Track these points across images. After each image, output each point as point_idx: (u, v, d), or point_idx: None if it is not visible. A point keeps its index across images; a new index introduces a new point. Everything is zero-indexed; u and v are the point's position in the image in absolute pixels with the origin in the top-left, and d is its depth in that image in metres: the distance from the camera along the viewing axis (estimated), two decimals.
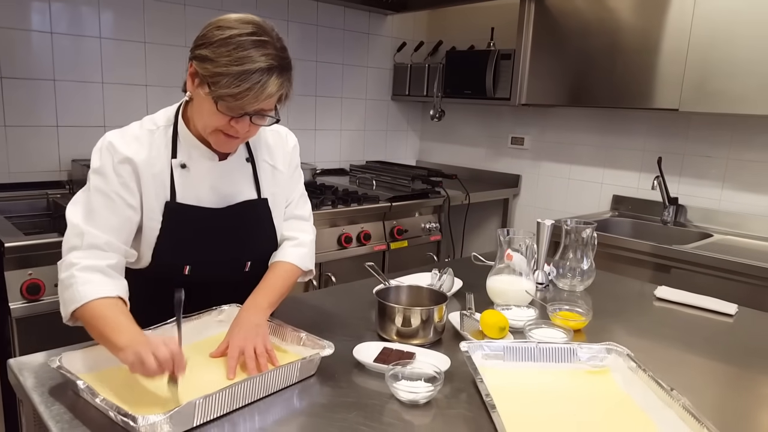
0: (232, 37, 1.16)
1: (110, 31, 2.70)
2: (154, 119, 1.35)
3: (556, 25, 3.00)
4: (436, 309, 1.35)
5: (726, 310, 1.66)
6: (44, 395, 1.08)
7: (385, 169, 3.66)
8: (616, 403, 1.11)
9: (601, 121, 3.25)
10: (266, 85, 1.17)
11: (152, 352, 1.03)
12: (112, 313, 1.15)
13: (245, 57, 1.15)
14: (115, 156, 1.26)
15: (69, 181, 2.67)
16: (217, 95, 1.17)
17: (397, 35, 3.92)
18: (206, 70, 1.17)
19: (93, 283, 1.18)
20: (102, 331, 1.12)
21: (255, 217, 1.43)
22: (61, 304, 1.21)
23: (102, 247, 1.22)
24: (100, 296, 1.16)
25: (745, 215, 2.75)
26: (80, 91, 2.67)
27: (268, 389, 1.11)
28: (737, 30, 2.39)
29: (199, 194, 1.35)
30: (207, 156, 1.35)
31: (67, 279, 1.19)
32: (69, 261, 1.21)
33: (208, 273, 1.38)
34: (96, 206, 1.24)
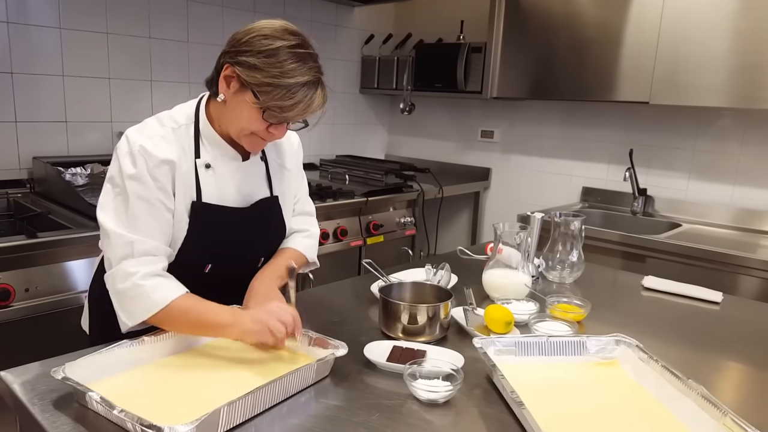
0: (282, 48, 1.18)
1: (70, 21, 2.57)
2: (174, 117, 1.33)
3: (527, 18, 3.02)
4: (442, 306, 1.34)
5: (712, 298, 1.70)
6: (46, 408, 1.02)
7: (357, 163, 3.63)
8: (632, 395, 1.12)
9: (570, 114, 3.30)
10: (313, 98, 1.21)
11: (277, 319, 1.17)
12: (198, 303, 1.22)
13: (294, 70, 1.18)
14: (149, 160, 1.24)
15: (30, 179, 2.54)
16: (266, 106, 1.20)
17: (364, 27, 3.88)
18: (254, 78, 1.19)
19: (162, 287, 1.22)
20: (197, 319, 1.21)
21: (270, 215, 1.46)
22: (125, 313, 1.22)
23: (153, 252, 1.24)
24: (177, 296, 1.21)
25: (711, 205, 2.84)
26: (40, 84, 2.53)
27: (288, 392, 1.08)
28: (706, 23, 2.46)
29: (223, 194, 1.35)
30: (231, 156, 1.36)
31: (132, 289, 1.20)
32: (125, 270, 1.21)
33: (227, 270, 1.40)
34: (138, 212, 1.23)
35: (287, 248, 1.53)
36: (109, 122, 2.74)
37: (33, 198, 2.47)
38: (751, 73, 2.36)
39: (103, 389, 0.99)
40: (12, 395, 1.08)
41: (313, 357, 1.20)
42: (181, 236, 1.30)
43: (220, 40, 3.26)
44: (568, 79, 2.91)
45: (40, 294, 1.94)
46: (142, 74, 2.85)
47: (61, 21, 2.54)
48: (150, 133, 1.28)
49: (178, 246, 1.31)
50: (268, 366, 1.19)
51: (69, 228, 2.08)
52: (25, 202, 2.42)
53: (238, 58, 1.20)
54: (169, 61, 2.93)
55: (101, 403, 0.95)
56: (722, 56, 2.43)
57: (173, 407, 1.02)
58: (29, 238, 1.93)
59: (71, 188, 2.35)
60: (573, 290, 1.79)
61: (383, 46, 3.91)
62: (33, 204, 2.40)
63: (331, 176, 3.42)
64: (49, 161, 2.47)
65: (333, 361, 1.18)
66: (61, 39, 2.56)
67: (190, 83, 3.01)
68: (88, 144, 2.70)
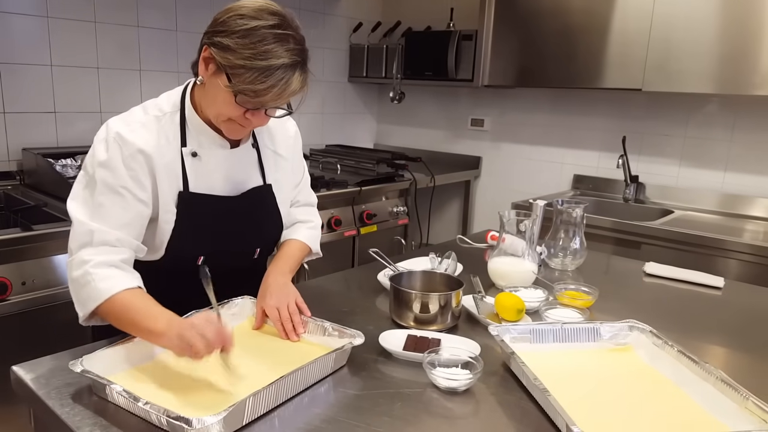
0: (256, 29, 1.11)
1: (57, 9, 2.51)
2: (159, 105, 1.28)
3: (518, 5, 3.02)
4: (454, 294, 1.34)
5: (714, 283, 1.73)
6: (65, 402, 1.00)
7: (347, 153, 3.61)
8: (650, 380, 1.14)
9: (560, 102, 3.31)
10: (290, 82, 1.14)
11: (198, 333, 1.02)
12: (141, 302, 1.13)
13: (269, 51, 1.11)
14: (124, 148, 1.18)
15: (20, 171, 2.49)
16: (238, 89, 1.13)
17: (352, 15, 3.85)
18: (227, 60, 1.12)
19: (111, 277, 1.14)
20: (135, 320, 1.10)
21: (263, 204, 1.41)
22: (78, 303, 1.16)
23: (113, 243, 1.17)
24: (123, 288, 1.13)
25: (702, 191, 2.88)
26: (27, 74, 2.47)
27: (308, 382, 1.08)
28: (697, 11, 2.48)
29: (211, 183, 1.30)
30: (218, 144, 1.30)
31: (83, 277, 1.13)
32: (81, 258, 1.15)
33: (220, 262, 1.33)
34: (103, 201, 1.17)
35: (292, 239, 1.50)
36: (99, 112, 2.68)
37: (23, 190, 2.42)
38: (741, 59, 2.39)
39: (120, 382, 0.98)
40: (26, 389, 1.07)
41: (328, 346, 1.19)
42: (169, 228, 1.26)
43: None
44: (559, 67, 2.92)
45: (37, 287, 1.90)
46: (131, 63, 2.80)
47: (48, 9, 2.48)
48: (130, 120, 1.23)
49: (166, 239, 1.27)
50: (284, 356, 1.19)
51: (64, 220, 2.04)
52: (16, 194, 2.37)
53: (214, 38, 1.14)
54: (157, 50, 2.88)
55: (124, 395, 0.93)
56: (713, 43, 2.45)
57: (192, 399, 1.01)
58: (24, 231, 1.89)
59: (63, 179, 2.30)
60: (575, 277, 1.80)
61: (372, 35, 3.88)
62: (23, 196, 2.35)
63: (322, 166, 3.40)
64: (39, 152, 2.42)
65: (350, 350, 1.17)
66: (48, 28, 2.49)
67: (179, 72, 2.97)
68: (78, 134, 2.65)
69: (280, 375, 1.00)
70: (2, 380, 1.84)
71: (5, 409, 1.91)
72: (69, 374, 1.05)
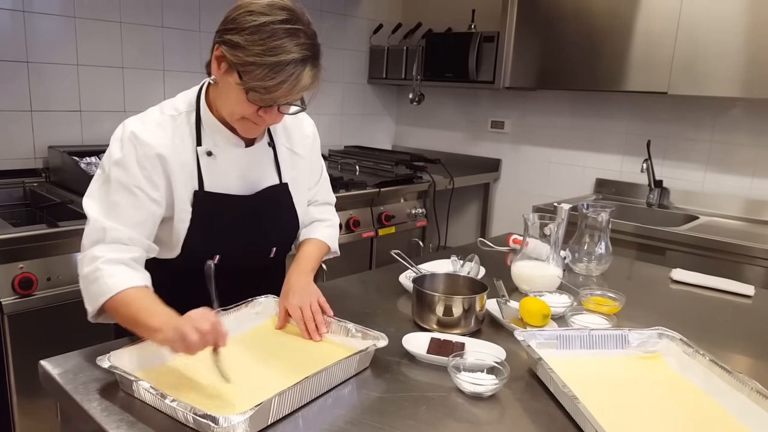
0: (265, 25, 1.11)
1: (84, 10, 2.54)
2: (175, 104, 1.29)
3: (540, 7, 3.00)
4: (478, 298, 1.33)
5: (744, 291, 1.69)
6: (92, 397, 1.01)
7: (366, 154, 3.61)
8: (680, 389, 1.12)
9: (582, 105, 3.28)
10: (300, 77, 1.13)
11: (193, 327, 1.01)
12: (143, 299, 1.13)
13: (279, 47, 1.10)
14: (138, 147, 1.19)
15: (45, 168, 2.52)
16: (249, 87, 1.13)
17: (373, 17, 3.84)
18: (237, 58, 1.12)
19: (120, 274, 1.14)
20: (134, 316, 1.10)
21: (279, 203, 1.40)
22: (87, 298, 1.17)
23: (125, 242, 1.18)
24: (129, 286, 1.13)
25: (728, 197, 2.83)
26: (54, 73, 2.50)
27: (332, 383, 1.07)
28: (725, 13, 2.44)
29: (227, 182, 1.30)
30: (233, 143, 1.30)
31: (92, 273, 1.15)
32: (92, 255, 1.16)
33: (236, 261, 1.34)
34: (117, 200, 1.18)
35: (312, 238, 1.50)
36: (123, 111, 2.71)
37: (48, 187, 2.45)
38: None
39: (147, 378, 0.99)
40: (54, 383, 1.07)
41: (351, 347, 1.19)
42: (184, 227, 1.26)
43: None
44: (582, 69, 2.89)
45: (62, 283, 1.92)
46: (155, 63, 2.82)
47: (75, 10, 2.51)
48: (146, 120, 1.24)
49: (182, 238, 1.27)
50: (306, 356, 1.18)
51: None
52: (41, 191, 2.39)
53: (225, 36, 1.14)
54: (180, 51, 2.90)
55: (151, 392, 0.93)
56: (740, 45, 2.41)
57: (218, 397, 1.01)
58: (50, 227, 1.91)
59: (88, 177, 2.29)
60: (600, 283, 1.78)
61: (392, 36, 3.87)
62: (48, 193, 2.38)
63: (341, 167, 3.40)
64: (65, 151, 2.45)
65: (374, 352, 1.17)
66: (75, 28, 2.52)
67: (202, 73, 2.92)
68: (102, 133, 2.67)
69: (303, 375, 1.00)
70: (29, 374, 1.89)
71: (32, 402, 1.94)
72: (96, 370, 1.06)
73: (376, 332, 1.20)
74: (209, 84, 1.27)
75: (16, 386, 1.91)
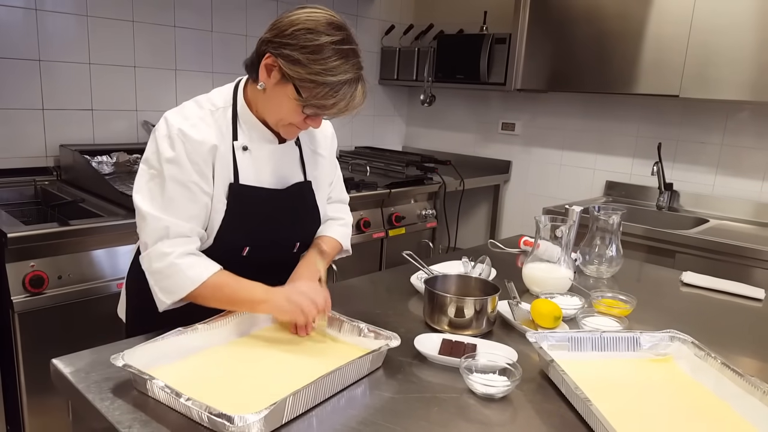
0: (326, 45, 1.16)
1: (98, 8, 2.55)
2: (212, 99, 1.33)
3: (554, 9, 2.99)
4: (490, 299, 1.33)
5: (755, 295, 1.69)
6: (105, 396, 1.01)
7: (377, 155, 3.61)
8: (692, 392, 1.11)
9: (593, 107, 3.27)
10: (355, 95, 1.21)
11: (309, 298, 1.19)
12: (233, 280, 1.24)
13: (339, 67, 1.17)
14: (187, 144, 1.23)
15: (57, 167, 2.53)
16: (309, 103, 1.20)
17: (385, 18, 3.85)
18: (296, 73, 1.17)
19: (198, 265, 1.23)
20: (234, 295, 1.23)
21: (304, 199, 1.45)
22: (163, 292, 1.24)
23: (187, 234, 1.25)
24: (213, 272, 1.23)
25: (738, 200, 2.82)
26: (66, 72, 2.52)
27: (345, 382, 1.08)
28: (736, 17, 2.43)
29: (260, 176, 1.35)
30: (268, 139, 1.35)
31: (168, 268, 1.22)
32: (161, 251, 1.22)
33: (263, 254, 1.39)
34: (174, 196, 1.23)
35: (326, 236, 1.54)
36: (134, 111, 2.73)
37: (59, 185, 2.46)
38: None
39: (160, 377, 0.99)
40: (66, 382, 1.08)
41: (363, 347, 1.19)
42: (219, 218, 1.30)
43: (243, 30, 3.25)
44: (593, 72, 2.89)
45: (73, 281, 1.93)
46: (167, 63, 2.83)
47: (88, 8, 2.52)
48: (189, 115, 1.27)
49: (216, 228, 1.30)
50: (319, 355, 1.19)
51: (100, 216, 2.07)
52: (53, 190, 2.41)
53: (282, 50, 1.18)
54: (193, 50, 2.91)
55: (166, 391, 0.94)
56: (752, 50, 2.41)
57: (229, 396, 1.01)
58: (62, 225, 1.92)
59: (100, 176, 2.34)
60: (610, 285, 1.78)
61: (404, 37, 3.88)
62: (60, 191, 2.39)
63: (352, 168, 3.40)
64: (77, 149, 2.46)
65: (386, 352, 1.17)
66: (87, 26, 2.54)
67: (213, 72, 2.99)
68: (114, 132, 2.69)
69: (316, 374, 1.00)
70: (39, 372, 1.90)
71: (42, 400, 1.95)
72: (108, 368, 1.07)
73: (388, 332, 1.20)
74: (247, 83, 1.33)
75: (26, 384, 1.92)
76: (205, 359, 1.13)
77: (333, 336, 1.27)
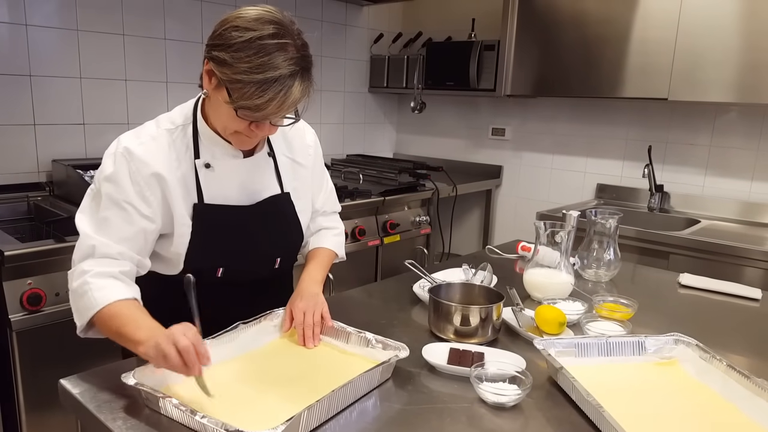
0: (252, 41, 1.08)
1: (87, 23, 2.54)
2: (171, 118, 1.29)
3: (542, 15, 3.02)
4: (495, 307, 1.34)
5: (752, 295, 1.71)
6: (117, 416, 1.01)
7: (369, 162, 3.62)
8: (700, 395, 1.12)
9: (583, 111, 3.30)
10: (289, 93, 1.11)
11: (173, 343, 1.00)
12: (129, 311, 1.12)
13: (266, 63, 1.08)
14: (131, 163, 1.19)
15: (49, 182, 2.51)
16: (239, 105, 1.11)
17: (373, 27, 3.86)
18: (225, 75, 1.10)
19: (108, 288, 1.14)
20: (119, 328, 1.09)
21: (282, 212, 1.40)
22: (76, 313, 1.16)
23: (114, 256, 1.18)
24: (117, 299, 1.13)
25: (728, 200, 2.86)
26: (57, 86, 2.50)
27: (357, 394, 1.08)
28: (721, 22, 2.47)
29: (226, 193, 1.30)
30: (231, 153, 1.30)
31: (81, 287, 1.14)
32: (81, 269, 1.16)
33: (241, 273, 1.35)
34: (107, 215, 1.18)
35: (322, 248, 1.53)
36: (126, 124, 2.71)
37: (52, 200, 2.44)
38: (765, 69, 2.38)
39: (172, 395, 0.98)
40: (75, 402, 1.07)
41: (372, 358, 1.19)
42: (185, 241, 1.25)
43: None
44: (581, 76, 2.92)
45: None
46: (158, 75, 2.83)
47: (78, 23, 2.51)
48: (141, 134, 1.23)
49: (183, 252, 1.26)
50: (327, 368, 1.19)
51: None
52: (45, 205, 2.39)
53: (212, 52, 1.12)
54: (183, 62, 2.90)
55: (180, 409, 0.93)
56: (738, 52, 2.45)
57: (243, 412, 1.01)
58: (58, 242, 1.90)
59: None
60: (609, 289, 1.79)
61: (392, 45, 3.89)
62: (53, 206, 2.37)
63: (344, 176, 3.40)
64: (69, 164, 2.44)
65: (395, 364, 1.17)
66: (78, 41, 2.53)
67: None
68: (105, 146, 2.60)
69: (327, 387, 1.00)
70: (38, 390, 1.88)
71: (40, 419, 1.93)
72: (116, 387, 1.06)
73: (396, 343, 1.21)
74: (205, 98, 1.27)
75: (24, 403, 1.90)
76: (216, 375, 1.12)
77: (341, 348, 1.27)
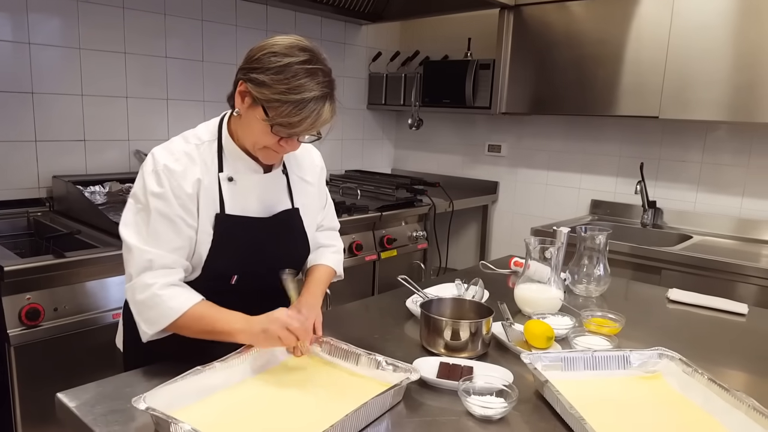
0: (289, 65, 1.21)
1: (89, 41, 2.60)
2: (197, 134, 1.38)
3: (536, 35, 3.08)
4: (484, 322, 1.36)
5: (738, 310, 1.74)
6: (111, 429, 1.03)
7: (366, 178, 3.66)
8: (681, 408, 1.15)
9: (577, 129, 3.35)
10: (321, 112, 1.24)
11: (284, 325, 1.21)
12: (212, 310, 1.27)
13: (301, 86, 1.20)
14: (172, 179, 1.28)
15: (50, 198, 2.55)
16: (275, 122, 1.23)
17: (372, 45, 3.93)
18: (263, 95, 1.22)
19: (179, 296, 1.26)
20: (212, 325, 1.25)
21: (292, 226, 1.49)
22: (146, 322, 1.27)
23: (171, 266, 1.28)
24: (194, 303, 1.26)
25: (719, 216, 2.89)
26: (59, 103, 2.55)
27: (369, 418, 1.08)
28: (711, 42, 2.53)
29: (245, 205, 1.38)
30: (253, 169, 1.40)
31: (150, 299, 1.25)
32: (144, 282, 1.25)
33: (252, 282, 1.42)
34: (159, 228, 1.27)
35: (321, 264, 1.58)
36: (126, 140, 2.76)
37: (52, 216, 2.48)
38: (754, 88, 2.44)
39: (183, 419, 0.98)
40: (71, 416, 1.09)
41: (382, 380, 1.20)
42: (205, 249, 1.33)
43: (233, 59, 3.30)
44: (575, 95, 2.97)
45: (69, 313, 1.94)
46: (158, 93, 2.87)
47: (81, 41, 2.57)
48: (174, 150, 1.32)
49: (203, 259, 1.34)
50: (338, 390, 1.20)
51: (95, 247, 2.09)
52: (45, 221, 2.42)
53: (250, 74, 1.24)
54: (184, 80, 2.96)
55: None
56: (727, 72, 2.50)
57: None
58: (57, 258, 1.93)
59: (93, 207, 2.36)
60: (599, 304, 1.82)
61: (390, 64, 3.95)
62: (53, 222, 2.41)
63: (342, 191, 3.45)
64: (70, 180, 2.48)
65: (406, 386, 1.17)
66: (80, 59, 2.58)
67: (204, 101, 3.03)
68: (106, 162, 2.72)
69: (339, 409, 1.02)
70: (35, 405, 1.90)
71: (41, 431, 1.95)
72: (113, 401, 1.10)
73: (406, 365, 1.22)
74: (230, 115, 1.38)
75: (21, 417, 1.92)
76: (227, 398, 1.13)
77: (351, 370, 1.28)
